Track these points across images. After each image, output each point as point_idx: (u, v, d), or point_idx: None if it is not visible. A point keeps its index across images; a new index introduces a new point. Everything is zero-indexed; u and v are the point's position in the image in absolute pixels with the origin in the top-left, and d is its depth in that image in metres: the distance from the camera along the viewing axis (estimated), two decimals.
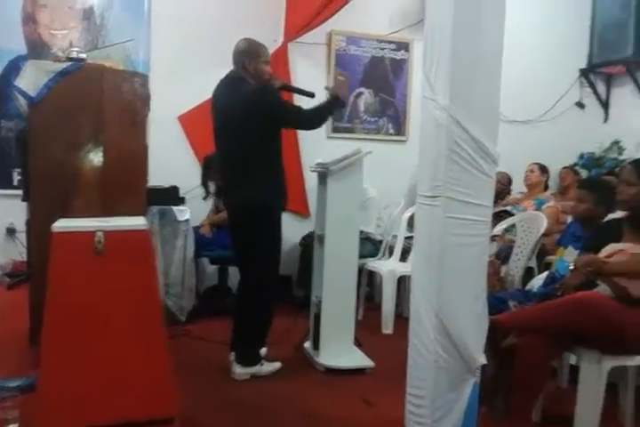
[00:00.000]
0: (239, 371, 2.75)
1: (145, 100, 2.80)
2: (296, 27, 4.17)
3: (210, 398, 2.50)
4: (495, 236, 3.15)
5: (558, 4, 4.98)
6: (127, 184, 2.75)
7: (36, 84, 2.68)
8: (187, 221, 3.57)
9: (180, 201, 3.70)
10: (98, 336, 1.68)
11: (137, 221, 1.75)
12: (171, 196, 3.64)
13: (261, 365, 2.80)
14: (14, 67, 4.13)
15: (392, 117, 4.71)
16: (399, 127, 4.73)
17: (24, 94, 2.71)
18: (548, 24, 4.95)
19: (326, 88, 2.89)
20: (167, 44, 4.11)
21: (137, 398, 1.71)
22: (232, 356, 2.81)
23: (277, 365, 2.85)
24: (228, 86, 2.78)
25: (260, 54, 2.77)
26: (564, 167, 4.95)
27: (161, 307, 1.82)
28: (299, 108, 2.76)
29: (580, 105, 5.20)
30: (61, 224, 1.74)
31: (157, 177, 3.58)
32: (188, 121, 4.20)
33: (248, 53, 2.74)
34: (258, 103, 2.61)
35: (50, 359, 1.67)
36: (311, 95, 2.92)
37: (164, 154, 3.83)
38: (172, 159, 4.00)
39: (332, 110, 2.84)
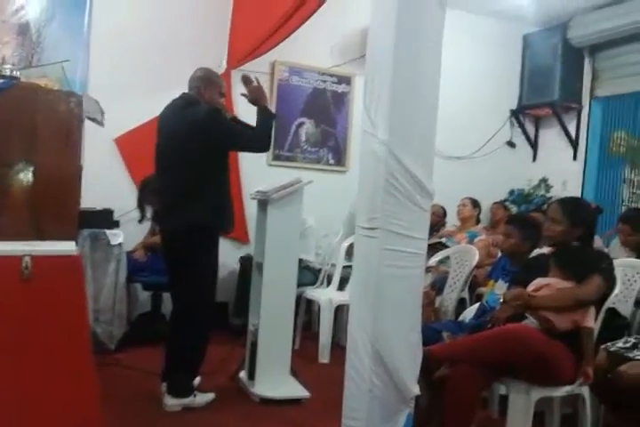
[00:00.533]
0: (171, 402, 2.66)
1: (79, 120, 2.72)
2: (240, 54, 4.20)
3: None
4: (430, 267, 3.23)
5: (491, 49, 5.27)
6: (58, 206, 2.63)
7: None
8: (120, 245, 3.47)
9: (114, 224, 3.59)
10: (22, 367, 1.58)
11: (67, 246, 1.68)
12: (104, 219, 3.52)
13: (194, 396, 2.71)
14: None
15: (332, 148, 4.79)
16: (339, 158, 4.82)
17: None
18: (482, 67, 5.22)
19: (244, 79, 2.87)
20: (106, 64, 4.03)
21: None
22: (163, 386, 2.73)
23: (211, 396, 2.78)
24: (177, 106, 2.78)
25: (217, 85, 2.82)
26: (495, 202, 5.17)
27: (90, 336, 1.74)
28: (246, 132, 2.81)
29: (511, 144, 5.48)
30: None
31: (91, 199, 3.47)
32: (125, 143, 4.11)
33: (205, 80, 2.78)
34: (209, 124, 2.62)
35: None
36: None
37: (98, 176, 3.72)
38: (107, 182, 3.88)
39: (268, 121, 2.83)
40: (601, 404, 2.45)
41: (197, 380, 2.83)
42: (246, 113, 4.34)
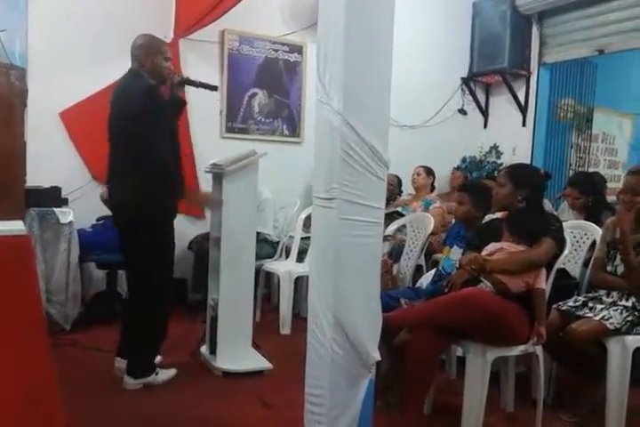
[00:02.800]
0: (131, 382, 2.64)
1: (21, 95, 2.58)
2: (187, 23, 4.06)
3: (101, 411, 2.37)
4: (387, 236, 3.27)
5: (441, 16, 5.27)
6: (2, 184, 2.53)
7: None
8: (70, 223, 3.37)
9: (63, 202, 3.47)
10: None
11: (15, 226, 1.61)
12: (52, 197, 3.40)
13: (156, 374, 2.70)
14: None
15: (287, 119, 4.73)
16: (294, 129, 4.76)
17: None
18: (432, 36, 5.22)
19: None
20: (47, 35, 3.82)
21: (19, 418, 1.57)
22: (117, 361, 2.71)
23: (172, 372, 2.77)
24: (124, 81, 2.66)
25: (160, 51, 2.68)
26: (456, 168, 5.25)
27: (44, 318, 1.69)
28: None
29: (463, 112, 5.54)
30: None
31: (37, 177, 3.35)
32: (71, 117, 3.94)
33: (145, 49, 2.65)
34: (140, 104, 2.48)
35: None
36: (214, 88, 2.89)
37: (43, 152, 3.57)
38: (53, 158, 3.74)
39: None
40: (554, 361, 2.57)
41: (158, 358, 2.82)
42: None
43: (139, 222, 2.58)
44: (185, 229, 4.23)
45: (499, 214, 2.55)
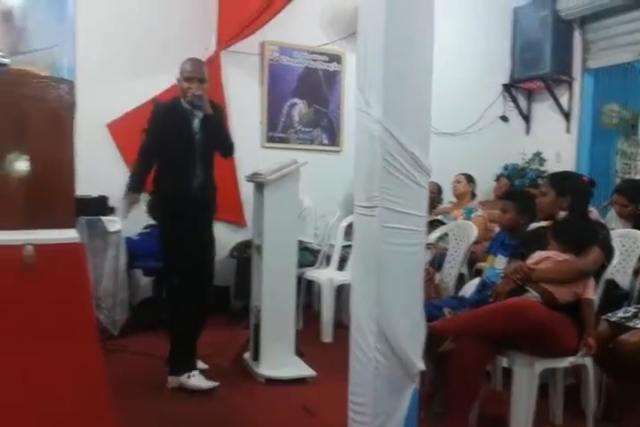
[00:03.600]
0: (170, 380, 2.74)
1: (71, 107, 2.68)
2: (228, 35, 4.15)
3: (149, 414, 2.42)
4: (429, 244, 3.24)
5: (482, 22, 5.23)
6: (54, 195, 2.61)
7: None
8: (118, 231, 3.46)
9: (110, 211, 3.57)
10: (28, 355, 1.58)
11: (69, 234, 1.67)
12: (100, 206, 3.52)
13: (189, 377, 2.73)
14: None
15: (326, 128, 4.76)
16: (333, 138, 4.79)
17: None
18: (473, 42, 5.18)
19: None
20: (94, 49, 3.96)
21: (71, 420, 1.62)
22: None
23: (211, 384, 2.74)
24: None
25: (180, 71, 2.81)
26: (500, 176, 5.17)
27: (96, 324, 1.75)
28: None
29: (504, 118, 5.46)
30: None
31: (85, 187, 3.44)
32: (117, 128, 4.07)
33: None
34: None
35: None
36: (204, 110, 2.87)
37: (91, 163, 3.68)
38: (101, 168, 3.85)
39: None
40: (604, 373, 2.50)
41: (204, 366, 2.88)
42: (236, 93, 4.35)
43: (162, 232, 2.87)
44: (226, 236, 4.30)
45: (544, 222, 2.50)
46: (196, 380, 2.73)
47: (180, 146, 2.78)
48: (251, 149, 4.39)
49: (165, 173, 2.83)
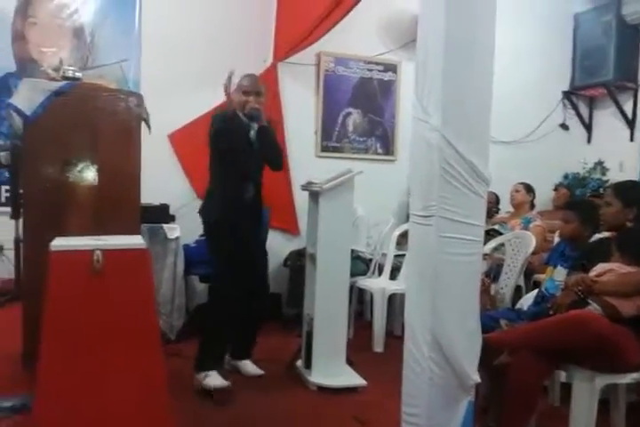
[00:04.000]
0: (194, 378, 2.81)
1: (139, 119, 2.81)
2: (285, 47, 4.23)
3: (203, 418, 2.47)
4: (484, 255, 3.19)
5: (541, 28, 5.13)
6: (121, 202, 2.75)
7: (31, 103, 2.68)
8: (177, 238, 3.56)
9: (171, 219, 3.69)
10: (95, 356, 1.66)
11: (135, 240, 1.75)
12: (161, 213, 3.63)
13: (205, 376, 2.77)
14: (3, 85, 4.13)
15: (380, 137, 4.77)
16: (387, 147, 4.79)
17: (19, 112, 2.71)
18: (531, 48, 5.09)
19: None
20: (157, 63, 4.14)
21: (133, 419, 1.69)
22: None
23: (221, 382, 2.75)
24: None
25: (238, 86, 2.91)
26: (559, 185, 5.03)
27: (158, 326, 1.81)
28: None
29: (564, 126, 5.32)
30: (59, 243, 1.73)
31: (147, 195, 3.58)
32: (178, 139, 4.22)
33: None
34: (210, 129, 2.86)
35: (46, 380, 1.64)
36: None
37: (154, 172, 3.81)
38: (162, 177, 4.00)
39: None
40: None
41: (257, 370, 3.00)
42: (292, 103, 4.42)
43: (207, 238, 2.98)
44: (280, 245, 4.37)
45: (607, 233, 2.42)
46: (210, 379, 2.76)
47: (237, 155, 2.86)
48: (305, 159, 4.45)
49: (221, 180, 2.91)
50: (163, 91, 4.05)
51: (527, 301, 2.75)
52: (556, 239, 3.13)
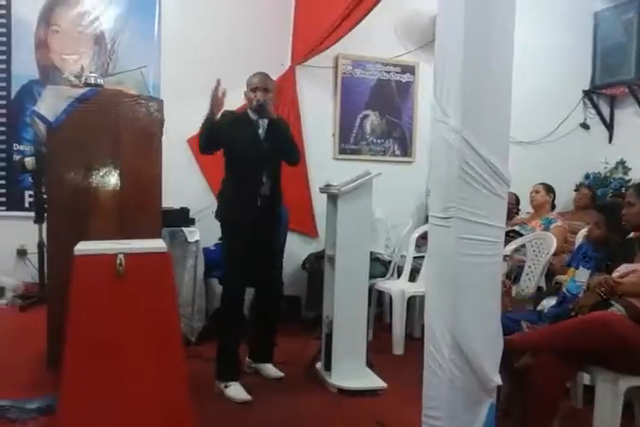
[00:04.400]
0: (215, 384, 2.83)
1: (160, 124, 2.85)
2: (303, 51, 4.25)
3: (223, 420, 2.49)
4: (505, 256, 3.16)
5: (561, 27, 5.07)
6: (143, 207, 2.79)
7: (54, 110, 2.74)
8: (197, 242, 3.59)
9: (191, 222, 3.73)
10: (118, 359, 1.69)
11: (157, 244, 1.78)
12: (181, 217, 3.66)
13: (225, 386, 2.78)
14: (27, 91, 4.22)
15: (398, 139, 4.76)
16: (405, 149, 4.78)
17: (43, 119, 2.77)
18: (551, 47, 5.03)
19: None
20: (176, 67, 4.19)
21: (155, 420, 1.71)
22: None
23: (245, 397, 2.73)
24: None
25: (247, 84, 2.96)
26: (580, 185, 4.95)
27: (180, 329, 1.84)
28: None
29: (585, 126, 5.25)
30: (82, 247, 1.77)
31: (168, 198, 3.62)
32: (197, 143, 4.24)
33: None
34: None
35: (70, 382, 1.67)
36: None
37: (174, 175, 3.85)
38: (182, 181, 4.04)
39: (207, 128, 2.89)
40: None
41: (278, 373, 3.00)
42: (309, 106, 4.43)
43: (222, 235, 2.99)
44: (298, 248, 4.38)
45: (632, 234, 2.38)
46: (232, 390, 2.76)
47: (245, 154, 2.85)
48: (323, 161, 4.46)
49: (232, 181, 2.92)
50: (182, 95, 4.10)
51: (548, 302, 2.72)
52: (578, 241, 3.09)
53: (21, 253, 4.26)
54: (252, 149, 2.85)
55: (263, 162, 2.88)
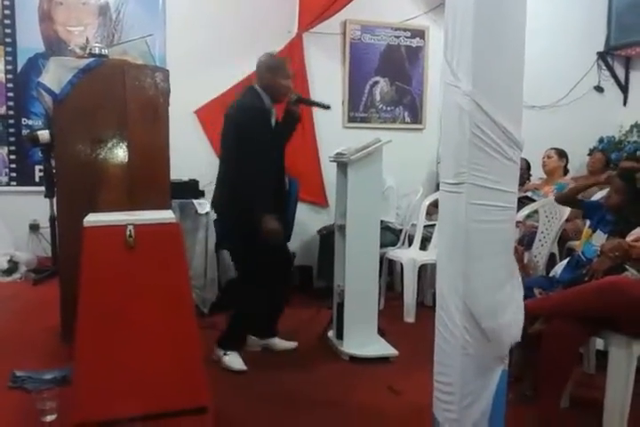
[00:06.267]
0: (214, 351, 2.82)
1: (166, 94, 2.80)
2: (310, 17, 4.16)
3: (237, 388, 2.53)
4: (517, 222, 3.13)
5: None
6: (151, 178, 2.78)
7: (59, 81, 2.71)
8: (207, 213, 3.59)
9: (200, 194, 3.72)
10: (131, 329, 1.70)
11: (166, 215, 1.77)
12: (190, 189, 3.67)
13: (225, 354, 2.79)
14: (33, 65, 4.18)
15: (408, 106, 4.68)
16: (416, 115, 4.71)
17: (48, 91, 2.73)
18: (564, 8, 4.89)
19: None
20: (182, 38, 4.12)
21: (170, 389, 1.74)
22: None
23: (242, 367, 2.76)
24: (240, 97, 2.83)
25: (280, 69, 2.79)
26: (596, 150, 4.86)
27: (192, 299, 1.85)
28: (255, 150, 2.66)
29: (599, 89, 5.13)
30: (92, 218, 1.76)
31: (177, 171, 3.60)
32: (205, 115, 4.22)
33: (267, 67, 2.78)
34: (235, 120, 2.69)
35: (84, 352, 1.69)
36: (327, 107, 2.97)
37: (182, 148, 3.84)
38: (191, 153, 4.02)
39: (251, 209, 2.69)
40: None
41: (291, 343, 3.02)
42: (318, 73, 4.36)
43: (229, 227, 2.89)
44: (309, 218, 4.37)
45: None
46: (228, 358, 2.77)
47: (266, 144, 2.71)
48: (332, 130, 4.41)
49: (250, 171, 2.67)
50: (188, 66, 4.05)
51: (561, 268, 2.70)
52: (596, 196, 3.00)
53: (34, 227, 4.30)
54: (272, 138, 2.80)
55: (279, 148, 2.87)
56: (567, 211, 2.98)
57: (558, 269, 2.78)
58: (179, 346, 1.76)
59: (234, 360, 2.77)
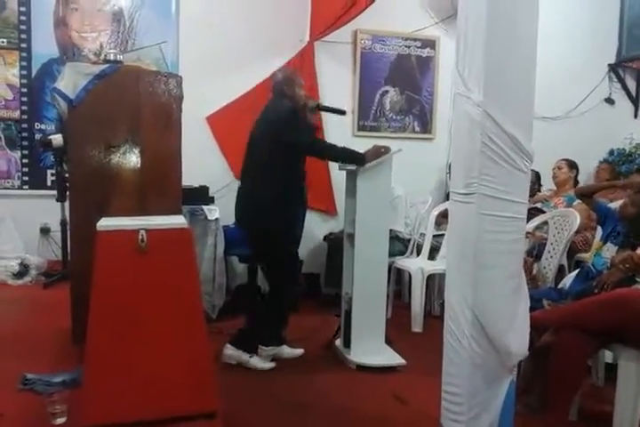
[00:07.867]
0: (229, 352, 2.85)
1: (179, 101, 2.83)
2: (321, 26, 4.19)
3: (245, 394, 2.53)
4: (527, 233, 3.11)
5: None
6: (163, 184, 2.80)
7: (74, 87, 2.74)
8: (216, 219, 3.60)
9: (210, 200, 3.74)
10: (141, 333, 1.71)
11: (178, 220, 1.79)
12: (201, 195, 3.68)
13: (250, 357, 2.84)
14: (47, 70, 4.24)
15: (418, 115, 4.70)
16: (425, 125, 4.72)
17: (63, 96, 2.77)
18: (576, 19, 4.90)
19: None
20: (195, 44, 4.16)
21: (180, 394, 1.74)
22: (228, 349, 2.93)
23: (269, 364, 2.86)
24: (273, 104, 2.87)
25: (295, 80, 2.89)
26: (603, 162, 4.86)
27: (202, 304, 1.86)
28: (315, 138, 2.92)
29: (610, 101, 5.13)
30: (105, 223, 1.78)
31: (187, 177, 3.63)
32: (216, 121, 4.25)
33: (285, 82, 2.86)
34: (283, 124, 2.71)
35: (95, 355, 1.71)
36: (342, 113, 3.04)
37: (193, 154, 3.85)
38: (201, 159, 4.04)
39: (352, 161, 2.89)
40: None
41: (297, 350, 3.00)
42: (328, 82, 4.38)
43: (258, 228, 2.87)
44: (317, 226, 4.38)
45: None
46: (255, 360, 2.84)
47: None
48: (342, 138, 4.39)
49: (286, 179, 2.84)
50: (201, 72, 4.08)
51: (570, 280, 2.69)
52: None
53: (45, 231, 4.33)
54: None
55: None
56: (577, 222, 2.97)
57: (567, 280, 2.76)
58: (188, 350, 1.77)
59: (261, 362, 2.84)
